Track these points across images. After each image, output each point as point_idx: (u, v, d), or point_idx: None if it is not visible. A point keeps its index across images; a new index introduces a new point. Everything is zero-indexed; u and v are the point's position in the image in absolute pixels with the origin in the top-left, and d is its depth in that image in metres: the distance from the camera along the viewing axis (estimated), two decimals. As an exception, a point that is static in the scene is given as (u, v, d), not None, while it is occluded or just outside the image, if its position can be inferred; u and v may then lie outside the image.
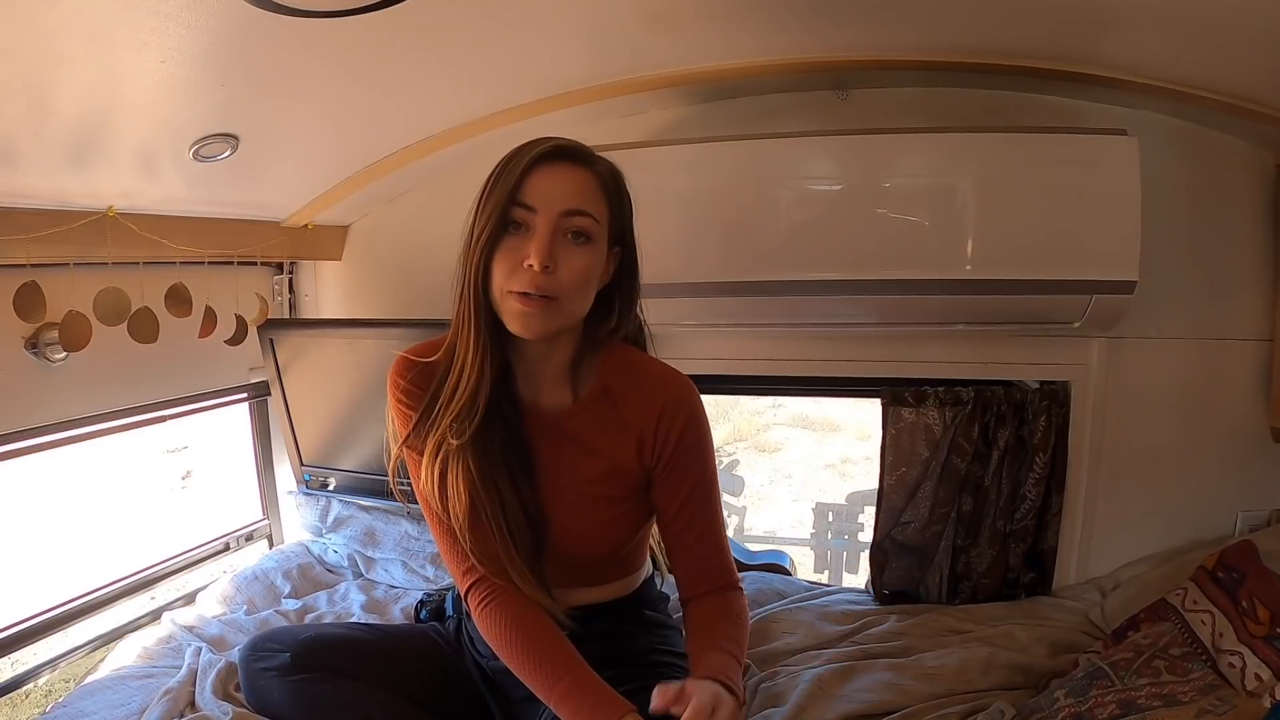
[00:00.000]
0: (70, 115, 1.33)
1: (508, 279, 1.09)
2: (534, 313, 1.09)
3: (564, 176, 1.11)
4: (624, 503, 1.26)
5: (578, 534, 1.25)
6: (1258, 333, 1.91)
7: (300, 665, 1.36)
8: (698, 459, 1.24)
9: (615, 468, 1.23)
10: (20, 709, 1.95)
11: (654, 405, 1.21)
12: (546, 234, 1.08)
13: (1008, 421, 1.91)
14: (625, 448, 1.22)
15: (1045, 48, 1.72)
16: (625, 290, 1.24)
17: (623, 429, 1.22)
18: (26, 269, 1.52)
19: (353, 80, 1.62)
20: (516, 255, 1.09)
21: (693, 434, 1.22)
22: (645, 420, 1.21)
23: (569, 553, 1.26)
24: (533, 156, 1.10)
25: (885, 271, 1.73)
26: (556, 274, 1.09)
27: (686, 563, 1.27)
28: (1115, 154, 1.63)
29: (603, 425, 1.22)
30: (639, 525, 1.31)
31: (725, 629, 1.20)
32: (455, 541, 1.21)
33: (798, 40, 1.77)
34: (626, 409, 1.22)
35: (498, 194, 1.10)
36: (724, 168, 1.80)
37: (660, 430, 1.21)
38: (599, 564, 1.32)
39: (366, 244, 2.43)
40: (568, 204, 1.10)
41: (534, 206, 1.09)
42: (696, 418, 1.23)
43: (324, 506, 2.35)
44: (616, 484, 1.24)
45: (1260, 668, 1.32)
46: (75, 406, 1.78)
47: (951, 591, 2.00)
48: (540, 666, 1.14)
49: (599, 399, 1.23)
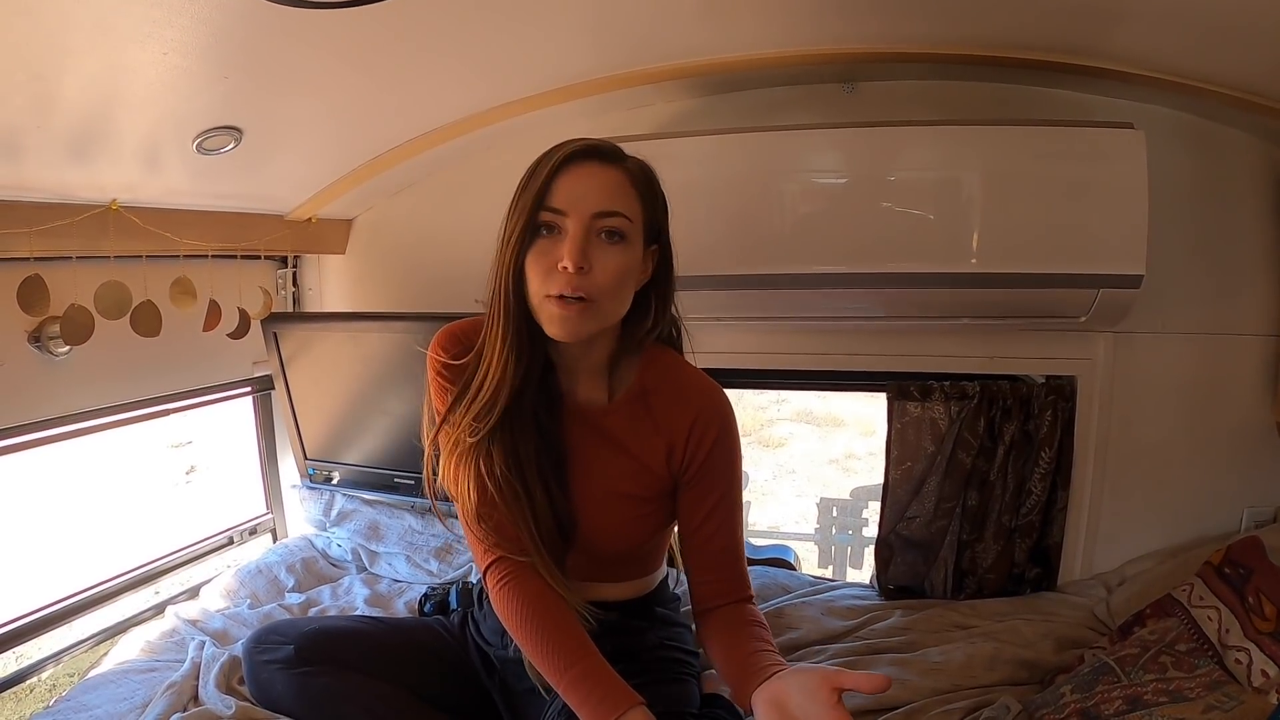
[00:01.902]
0: (73, 108, 1.32)
1: (543, 283, 1.09)
2: (571, 316, 1.09)
3: (593, 177, 1.10)
4: (649, 503, 1.25)
5: (601, 529, 1.25)
6: (1264, 328, 1.90)
7: (304, 658, 1.36)
8: (726, 472, 1.24)
9: (644, 468, 1.23)
10: (25, 703, 1.96)
11: (688, 413, 1.21)
12: (579, 236, 1.07)
13: (1013, 416, 1.90)
14: (655, 450, 1.22)
15: (1052, 40, 1.71)
16: (662, 289, 1.23)
17: (654, 432, 1.22)
18: (29, 262, 1.52)
19: (357, 73, 1.61)
20: (549, 258, 1.08)
21: (723, 446, 1.22)
22: (678, 427, 1.21)
23: (592, 547, 1.26)
24: (560, 158, 1.10)
25: (891, 265, 1.73)
26: (592, 274, 1.08)
27: (704, 575, 1.26)
28: (1122, 147, 1.62)
29: (636, 426, 1.22)
30: (660, 528, 1.31)
31: (759, 632, 1.19)
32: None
33: (804, 32, 1.76)
34: (660, 413, 1.22)
35: (527, 198, 1.09)
36: (729, 161, 1.80)
37: (692, 439, 1.21)
38: (619, 560, 1.32)
39: (371, 237, 2.42)
40: (599, 205, 1.09)
41: (563, 209, 1.08)
42: (729, 430, 1.23)
43: (328, 500, 2.35)
44: (643, 484, 1.24)
45: (1267, 664, 1.32)
46: (78, 400, 1.77)
47: (956, 587, 2.00)
48: (553, 650, 1.14)
49: (635, 400, 1.23)
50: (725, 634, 1.21)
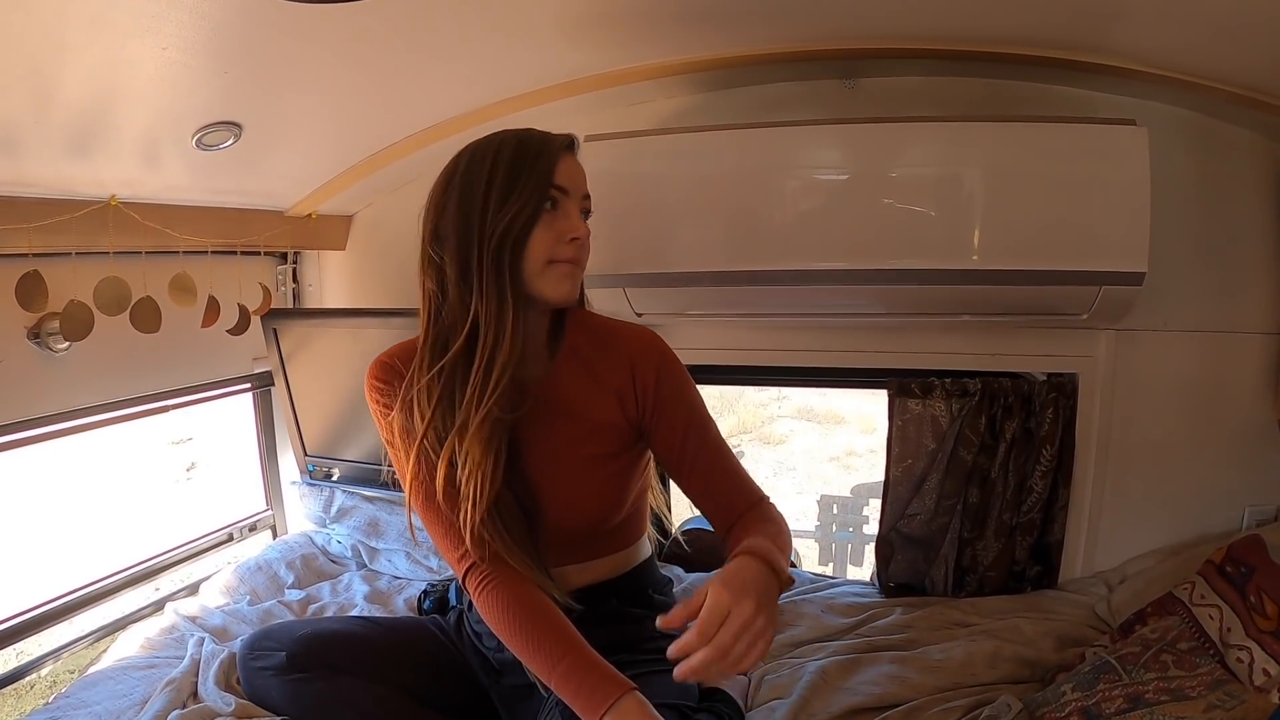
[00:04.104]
0: (72, 103, 1.32)
1: (552, 250, 1.19)
2: (575, 273, 1.23)
3: (578, 165, 1.25)
4: (614, 460, 1.27)
5: (568, 502, 1.25)
6: (1266, 326, 1.90)
7: (296, 664, 1.36)
8: (682, 398, 1.28)
9: (600, 424, 1.26)
10: (25, 699, 1.96)
11: (624, 357, 1.26)
12: (575, 211, 1.22)
13: (1015, 413, 1.90)
14: (607, 404, 1.26)
15: (1054, 37, 1.70)
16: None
17: (599, 387, 1.26)
18: (28, 258, 1.51)
19: (357, 68, 1.61)
20: (554, 230, 1.19)
21: (669, 374, 1.27)
22: (620, 373, 1.26)
23: (562, 524, 1.25)
24: (560, 146, 1.22)
25: (892, 261, 1.72)
26: (584, 244, 1.23)
27: (708, 499, 1.28)
28: (1124, 144, 1.61)
29: (580, 385, 1.26)
30: (630, 484, 1.31)
31: (762, 526, 1.17)
32: (449, 528, 1.21)
33: (804, 28, 1.75)
34: (599, 366, 1.27)
35: (536, 175, 1.18)
36: (729, 157, 1.79)
37: (638, 379, 1.25)
38: (593, 535, 1.31)
39: (370, 233, 2.42)
40: (585, 188, 1.25)
41: (567, 189, 1.20)
42: (668, 360, 1.28)
43: (327, 497, 2.35)
44: (604, 440, 1.26)
45: (1268, 663, 1.32)
46: (78, 397, 1.77)
47: (957, 584, 1.99)
48: (541, 648, 1.14)
49: (571, 359, 1.28)
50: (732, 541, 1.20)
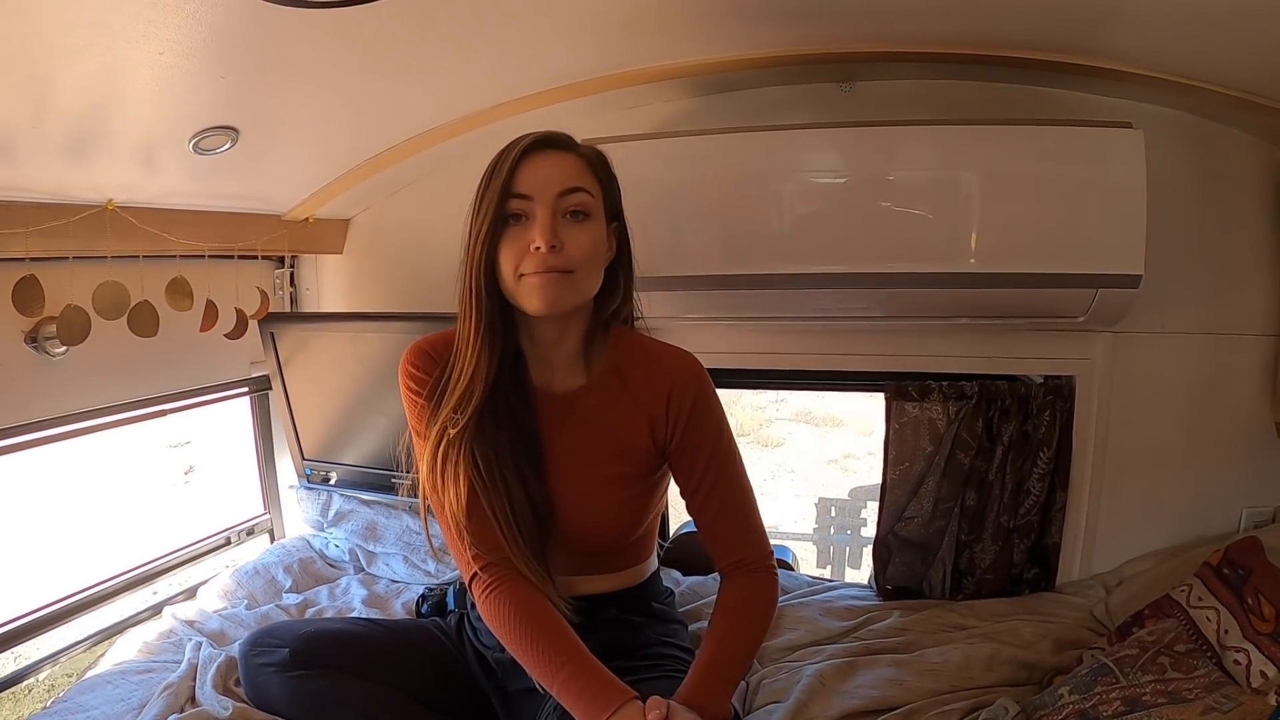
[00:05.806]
0: (69, 108, 1.32)
1: (518, 265, 1.13)
2: (550, 283, 1.12)
3: (553, 162, 1.16)
4: (637, 483, 1.27)
5: (586, 519, 1.26)
6: (1263, 328, 1.90)
7: (299, 661, 1.36)
8: (711, 433, 1.26)
9: (628, 446, 1.25)
10: (23, 703, 1.95)
11: (664, 382, 1.24)
12: (546, 217, 1.12)
13: (1012, 416, 1.90)
14: (638, 426, 1.25)
15: (1050, 40, 1.70)
16: (627, 266, 1.28)
17: (634, 408, 1.25)
18: (25, 263, 1.51)
19: (353, 72, 1.61)
20: (520, 244, 1.13)
21: (702, 409, 1.25)
22: (656, 397, 1.24)
23: (577, 539, 1.26)
24: (521, 149, 1.15)
25: (889, 265, 1.72)
26: (565, 251, 1.13)
27: (714, 536, 1.29)
28: (1121, 147, 1.62)
29: (614, 404, 1.25)
30: (648, 508, 1.32)
31: (736, 626, 1.21)
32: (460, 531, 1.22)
33: (801, 32, 1.75)
34: (637, 387, 1.25)
35: (493, 189, 1.13)
36: (727, 160, 1.79)
37: (672, 406, 1.24)
38: (606, 551, 1.32)
39: (368, 237, 2.42)
40: (562, 185, 1.14)
41: (529, 194, 1.13)
42: (705, 393, 1.26)
43: (325, 501, 2.34)
44: (630, 462, 1.26)
45: (1266, 665, 1.31)
46: (75, 401, 1.77)
47: (955, 587, 1.99)
48: (543, 654, 1.15)
49: (610, 378, 1.25)
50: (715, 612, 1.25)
